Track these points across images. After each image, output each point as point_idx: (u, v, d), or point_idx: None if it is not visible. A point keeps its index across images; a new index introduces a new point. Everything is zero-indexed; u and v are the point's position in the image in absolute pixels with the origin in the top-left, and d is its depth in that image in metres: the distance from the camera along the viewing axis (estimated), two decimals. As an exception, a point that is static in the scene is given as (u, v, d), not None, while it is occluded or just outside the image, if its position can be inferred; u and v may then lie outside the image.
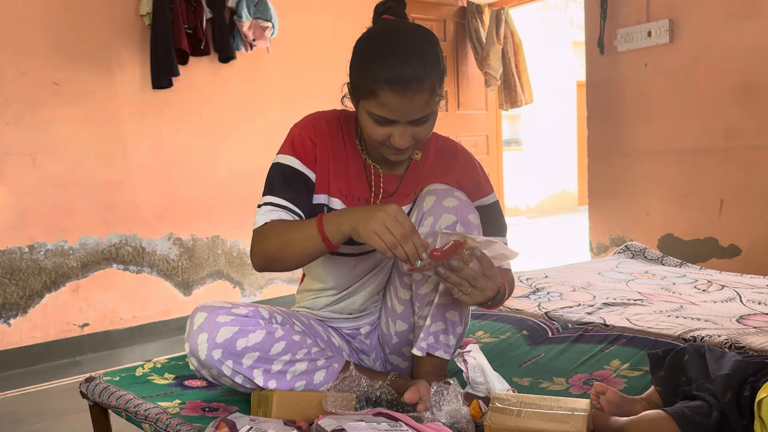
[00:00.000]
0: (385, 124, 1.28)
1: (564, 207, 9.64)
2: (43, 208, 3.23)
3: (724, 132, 3.41)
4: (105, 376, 1.63)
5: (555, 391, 1.50)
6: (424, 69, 1.24)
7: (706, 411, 1.15)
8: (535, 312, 2.07)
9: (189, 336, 1.27)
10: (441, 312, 1.38)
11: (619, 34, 3.81)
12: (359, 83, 1.29)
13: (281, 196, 1.35)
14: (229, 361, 1.25)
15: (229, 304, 1.30)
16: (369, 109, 1.28)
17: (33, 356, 3.20)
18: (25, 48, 3.15)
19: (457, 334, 1.42)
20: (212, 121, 3.75)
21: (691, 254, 3.50)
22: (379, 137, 1.30)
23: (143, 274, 3.54)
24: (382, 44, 1.28)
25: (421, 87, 1.24)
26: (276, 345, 1.28)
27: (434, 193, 1.38)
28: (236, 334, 1.25)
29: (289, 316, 1.41)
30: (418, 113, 1.27)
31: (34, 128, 3.19)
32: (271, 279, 4.01)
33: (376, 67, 1.24)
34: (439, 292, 1.37)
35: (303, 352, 1.31)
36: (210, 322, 1.25)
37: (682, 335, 1.74)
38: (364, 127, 1.32)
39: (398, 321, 1.49)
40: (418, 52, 1.25)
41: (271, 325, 1.30)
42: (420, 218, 1.39)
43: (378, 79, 1.24)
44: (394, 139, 1.29)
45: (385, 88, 1.23)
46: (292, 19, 3.85)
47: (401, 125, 1.28)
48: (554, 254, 5.58)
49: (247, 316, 1.28)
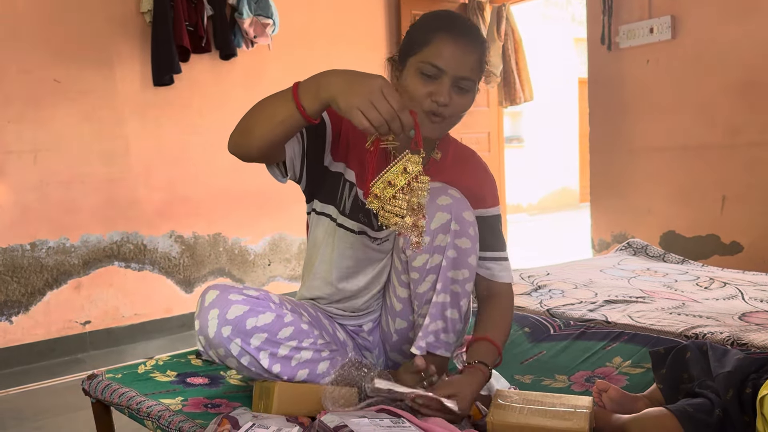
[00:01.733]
0: (431, 78, 1.30)
1: (565, 204, 9.63)
2: (45, 205, 3.23)
3: (726, 129, 3.40)
4: (107, 374, 1.63)
5: (557, 389, 1.50)
6: (479, 36, 1.35)
7: (708, 408, 1.15)
8: (537, 309, 2.07)
9: (199, 313, 1.27)
10: (440, 311, 1.38)
11: (621, 30, 3.80)
12: (414, 39, 1.34)
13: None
14: (238, 339, 1.25)
15: (241, 286, 1.31)
16: (420, 60, 1.31)
17: (35, 353, 3.20)
18: (27, 46, 3.15)
19: (457, 332, 1.42)
20: (213, 118, 3.74)
21: (692, 251, 3.50)
22: (422, 93, 1.31)
23: (145, 271, 3.54)
24: (442, 14, 1.37)
25: (474, 46, 1.32)
26: (284, 329, 1.29)
27: (429, 192, 1.38)
28: (247, 313, 1.26)
29: (298, 306, 1.41)
30: (467, 71, 1.31)
31: (36, 126, 3.19)
32: (272, 276, 4.01)
33: (435, 21, 1.33)
34: (437, 290, 1.37)
35: (309, 341, 1.32)
36: (222, 299, 1.26)
37: (684, 332, 1.74)
38: (408, 86, 1.32)
39: (397, 319, 1.49)
40: (474, 28, 1.36)
41: (281, 310, 1.31)
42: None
43: (438, 27, 1.31)
44: (435, 96, 1.30)
45: (443, 33, 1.30)
46: (293, 16, 3.85)
47: (446, 81, 1.30)
48: (556, 251, 5.58)
49: (258, 298, 1.29)
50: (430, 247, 1.35)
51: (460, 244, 1.36)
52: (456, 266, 1.37)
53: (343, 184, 1.43)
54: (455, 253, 1.36)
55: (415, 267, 1.38)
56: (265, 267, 3.97)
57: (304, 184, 1.44)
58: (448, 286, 1.37)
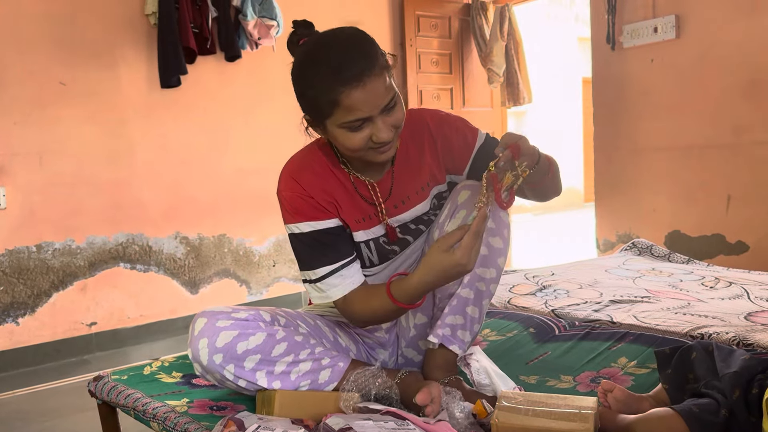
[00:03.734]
0: (360, 127, 1.24)
1: (570, 204, 9.62)
2: (51, 207, 3.24)
3: (731, 128, 3.39)
4: (113, 375, 1.63)
5: (562, 389, 1.50)
6: (367, 56, 1.22)
7: (714, 408, 1.14)
8: (542, 309, 2.06)
9: (191, 342, 1.28)
10: (462, 305, 1.38)
11: (625, 30, 3.79)
12: (316, 105, 1.25)
13: (326, 261, 1.36)
14: (231, 366, 1.26)
15: (230, 309, 1.30)
16: (338, 121, 1.24)
17: (41, 355, 3.21)
18: (32, 48, 3.16)
19: (473, 332, 1.42)
20: (218, 119, 3.75)
21: (698, 251, 3.49)
22: (360, 143, 1.25)
23: (150, 272, 3.55)
24: (317, 58, 1.25)
25: (373, 73, 1.21)
26: (277, 346, 1.29)
27: (469, 188, 1.39)
28: (236, 338, 1.25)
29: (293, 318, 1.40)
30: (385, 98, 1.23)
31: (41, 128, 3.20)
32: (277, 277, 4.02)
33: (325, 78, 1.21)
34: (462, 284, 1.38)
35: (306, 352, 1.31)
36: (210, 327, 1.26)
37: (690, 332, 1.73)
38: (341, 143, 1.28)
39: (418, 313, 1.48)
40: (351, 45, 1.24)
41: (272, 327, 1.30)
42: (453, 211, 1.39)
43: (333, 88, 1.21)
44: (376, 136, 1.24)
45: (343, 91, 1.20)
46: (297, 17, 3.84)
47: (376, 119, 1.24)
48: (560, 251, 5.57)
49: (247, 320, 1.29)
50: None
51: (493, 242, 1.37)
52: (485, 264, 1.37)
53: (357, 248, 1.42)
54: (486, 250, 1.37)
55: None
56: (270, 268, 3.98)
57: None
58: (474, 283, 1.38)
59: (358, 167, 1.39)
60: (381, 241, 1.42)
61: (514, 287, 2.39)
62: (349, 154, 1.31)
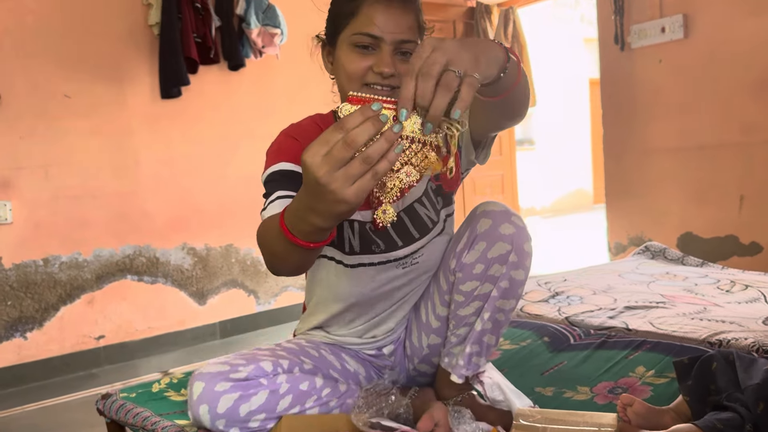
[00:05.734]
0: (369, 50, 1.18)
1: (579, 206, 9.57)
2: (57, 220, 3.23)
3: (742, 127, 3.35)
4: (121, 393, 1.61)
5: (579, 401, 1.46)
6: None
7: (738, 423, 1.11)
8: (556, 317, 2.03)
9: (190, 406, 1.20)
10: (479, 336, 1.33)
11: (632, 30, 3.76)
12: (339, 13, 1.21)
13: (285, 189, 1.18)
14: (235, 428, 1.19)
15: (228, 367, 1.20)
16: (351, 33, 1.18)
17: (50, 369, 3.19)
18: (36, 61, 3.15)
19: (489, 354, 1.38)
20: (223, 129, 3.73)
21: (711, 253, 3.44)
22: (361, 70, 1.18)
23: (158, 284, 3.53)
24: None
25: (407, 4, 1.17)
26: (282, 401, 1.22)
27: (490, 216, 1.29)
28: (237, 400, 1.18)
29: (297, 355, 1.32)
30: (406, 33, 1.18)
31: (46, 141, 3.19)
32: (285, 286, 3.99)
33: None
34: (482, 317, 1.32)
35: (312, 399, 1.25)
36: (209, 393, 1.18)
37: (708, 339, 1.70)
38: (344, 67, 1.20)
39: (432, 335, 1.43)
40: None
41: (275, 381, 1.23)
42: (472, 241, 1.30)
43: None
44: (378, 66, 1.17)
45: (367, 1, 1.16)
46: (300, 25, 3.83)
47: (386, 49, 1.17)
48: (571, 255, 5.53)
49: (247, 379, 1.21)
50: (482, 275, 1.29)
51: (515, 275, 1.29)
52: (505, 296, 1.30)
53: (338, 226, 1.28)
54: (508, 284, 1.29)
55: (461, 290, 1.32)
56: (277, 277, 3.95)
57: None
58: (494, 315, 1.32)
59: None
60: (367, 227, 1.32)
61: (526, 294, 2.36)
62: (346, 87, 1.22)
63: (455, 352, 1.37)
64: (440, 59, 0.83)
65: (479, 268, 1.28)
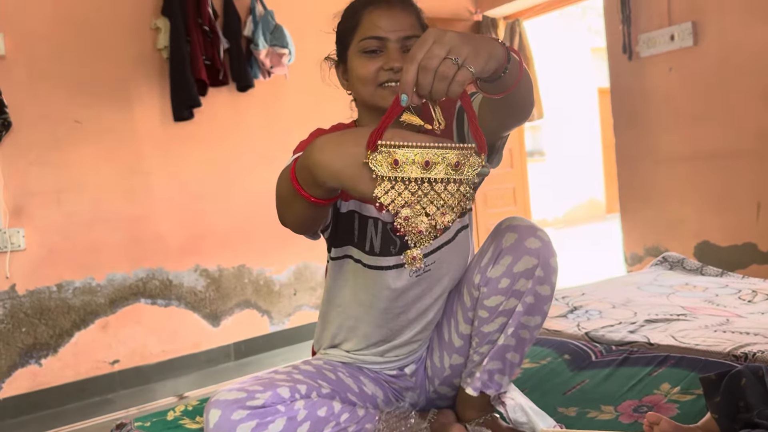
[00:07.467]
0: (375, 54, 1.24)
1: (592, 216, 9.50)
2: (70, 246, 3.23)
3: (757, 134, 3.30)
4: (136, 422, 1.58)
5: (604, 422, 1.42)
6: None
7: (772, 442, 1.07)
8: (575, 333, 1.99)
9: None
10: (502, 353, 1.31)
11: (641, 39, 3.73)
12: (343, 29, 1.29)
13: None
14: None
15: (245, 394, 1.18)
16: (358, 41, 1.25)
17: (65, 395, 3.18)
18: (46, 88, 3.17)
19: (512, 374, 1.35)
20: (233, 150, 3.73)
21: (729, 261, 3.39)
22: (372, 73, 1.23)
23: (171, 307, 3.52)
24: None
25: (405, 6, 1.25)
26: (300, 429, 1.20)
27: (516, 230, 1.28)
28: (255, 429, 1.16)
29: (314, 378, 1.30)
30: (408, 30, 1.23)
31: (58, 167, 3.20)
32: (299, 306, 3.97)
33: (355, 4, 1.27)
34: (506, 333, 1.29)
35: (331, 426, 1.23)
36: (225, 421, 1.15)
37: (732, 352, 1.66)
38: (356, 74, 1.26)
39: (454, 355, 1.40)
40: None
41: (293, 408, 1.20)
42: (497, 255, 1.29)
43: (362, 5, 1.25)
44: (388, 63, 1.22)
45: (369, 8, 1.24)
46: (308, 45, 3.83)
47: (393, 47, 1.23)
48: (587, 265, 5.47)
49: (265, 406, 1.18)
50: (508, 290, 1.27)
51: (541, 290, 1.27)
52: (530, 312, 1.28)
53: (362, 222, 1.33)
54: (533, 299, 1.27)
55: (486, 305, 1.30)
56: (291, 297, 3.93)
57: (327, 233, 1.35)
58: (518, 331, 1.29)
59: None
60: (388, 227, 1.32)
61: (544, 310, 2.31)
62: (363, 93, 1.27)
63: (476, 370, 1.34)
64: (441, 53, 0.88)
65: (505, 282, 1.27)
